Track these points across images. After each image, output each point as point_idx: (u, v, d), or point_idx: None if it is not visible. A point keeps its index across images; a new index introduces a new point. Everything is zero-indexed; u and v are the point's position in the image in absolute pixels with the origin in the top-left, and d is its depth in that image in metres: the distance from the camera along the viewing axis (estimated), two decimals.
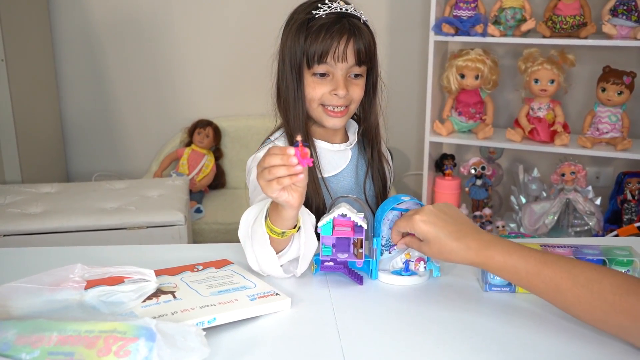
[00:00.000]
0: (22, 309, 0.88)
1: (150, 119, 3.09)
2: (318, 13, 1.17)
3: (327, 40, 1.16)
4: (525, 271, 0.90)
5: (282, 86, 1.23)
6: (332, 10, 1.18)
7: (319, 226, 1.03)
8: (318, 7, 1.18)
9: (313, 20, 1.17)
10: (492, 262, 0.92)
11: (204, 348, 0.79)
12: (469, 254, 0.94)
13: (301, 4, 1.24)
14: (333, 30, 1.16)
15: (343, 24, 1.17)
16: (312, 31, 1.17)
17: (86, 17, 3.00)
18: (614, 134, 2.44)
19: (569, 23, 2.39)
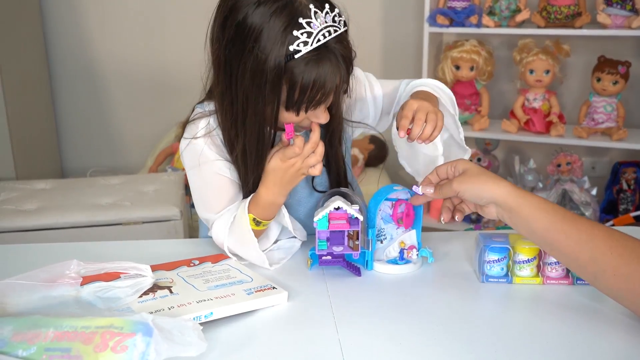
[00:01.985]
0: (18, 305, 0.88)
1: (145, 113, 3.08)
2: (298, 49, 0.93)
3: (312, 96, 0.96)
4: (562, 216, 0.89)
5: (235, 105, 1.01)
6: (316, 42, 0.94)
7: (315, 221, 1.03)
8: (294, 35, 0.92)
9: (292, 62, 0.93)
10: (529, 201, 0.90)
11: (201, 342, 0.79)
12: (506, 189, 0.92)
13: None
14: (321, 85, 0.95)
15: (332, 71, 0.95)
16: (293, 82, 0.94)
17: (79, 12, 2.98)
18: (609, 124, 2.44)
19: (563, 13, 2.38)
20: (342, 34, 0.98)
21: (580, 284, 1.02)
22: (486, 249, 1.03)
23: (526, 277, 1.04)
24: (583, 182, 2.54)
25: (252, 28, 0.93)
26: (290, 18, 0.92)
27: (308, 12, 0.93)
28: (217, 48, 0.99)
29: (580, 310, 0.95)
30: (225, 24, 0.97)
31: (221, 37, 0.98)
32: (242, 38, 0.95)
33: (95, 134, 3.13)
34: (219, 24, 0.99)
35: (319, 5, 0.95)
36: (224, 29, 0.97)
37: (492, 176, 0.95)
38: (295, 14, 0.93)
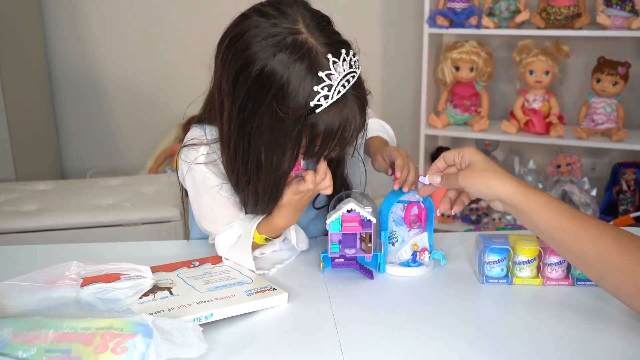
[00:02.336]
0: (18, 307, 0.88)
1: (145, 115, 3.08)
2: (319, 104, 0.91)
3: (334, 144, 0.96)
4: (569, 214, 0.87)
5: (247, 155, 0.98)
6: (336, 94, 0.91)
7: (328, 223, 1.03)
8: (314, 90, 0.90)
9: (312, 115, 0.91)
10: (535, 200, 0.89)
11: (202, 344, 0.79)
12: (512, 187, 0.90)
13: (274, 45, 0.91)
14: (343, 132, 0.94)
15: (352, 116, 0.94)
16: (315, 134, 0.93)
17: (79, 14, 2.98)
18: (609, 125, 2.44)
19: (563, 14, 2.38)
20: (359, 77, 0.95)
21: (580, 285, 1.02)
22: (486, 250, 1.03)
23: (526, 278, 1.04)
24: (583, 183, 2.54)
25: (272, 81, 0.90)
26: (309, 71, 0.90)
27: (327, 62, 0.90)
28: (228, 99, 0.95)
29: (580, 311, 0.95)
30: (241, 73, 0.92)
31: (235, 86, 0.94)
32: (260, 89, 0.91)
33: (95, 135, 3.13)
34: (233, 71, 0.93)
35: (335, 52, 0.91)
36: (236, 83, 0.93)
37: (498, 172, 0.92)
38: (315, 66, 0.90)
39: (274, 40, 0.90)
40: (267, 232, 1.07)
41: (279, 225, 1.07)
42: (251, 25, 0.93)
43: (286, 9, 0.93)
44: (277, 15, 0.92)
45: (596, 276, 0.88)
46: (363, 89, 0.96)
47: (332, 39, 0.93)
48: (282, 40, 0.90)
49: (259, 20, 0.92)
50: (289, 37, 0.90)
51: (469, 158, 0.95)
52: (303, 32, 0.91)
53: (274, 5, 0.94)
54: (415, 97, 2.85)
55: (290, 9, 0.93)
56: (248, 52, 0.91)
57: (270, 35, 0.91)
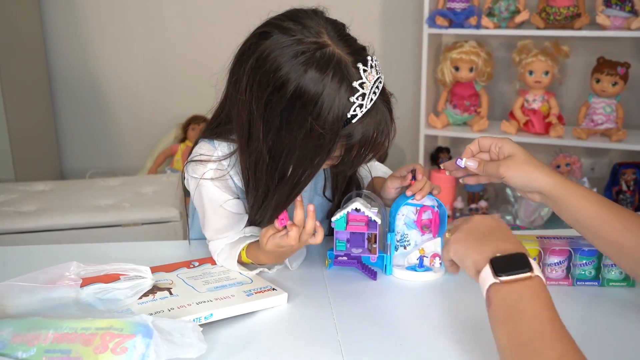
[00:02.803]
0: (17, 307, 0.88)
1: (144, 115, 3.08)
2: (355, 114, 0.91)
3: (369, 150, 0.96)
4: (608, 205, 0.90)
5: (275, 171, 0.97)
6: (370, 102, 0.92)
7: (333, 221, 1.03)
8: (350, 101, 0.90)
9: (348, 126, 0.91)
10: (574, 192, 0.91)
11: (201, 344, 0.78)
12: (554, 179, 0.93)
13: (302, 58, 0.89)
14: (378, 138, 0.95)
15: (384, 121, 0.94)
16: (351, 144, 0.94)
17: (78, 14, 2.98)
18: (608, 125, 2.44)
19: (562, 14, 2.38)
20: (385, 89, 0.96)
21: (580, 285, 1.02)
22: None
23: None
24: (582, 183, 2.54)
25: (307, 98, 0.89)
26: (342, 83, 0.89)
27: (357, 72, 0.90)
28: (261, 117, 0.93)
29: (579, 311, 0.95)
30: (272, 98, 0.91)
31: (267, 108, 0.92)
32: (295, 109, 0.90)
33: (95, 135, 3.13)
34: (264, 93, 0.91)
35: (362, 60, 0.91)
36: (268, 104, 0.91)
37: (539, 165, 0.95)
38: (346, 77, 0.89)
39: (304, 58, 0.88)
40: (254, 259, 1.06)
41: (264, 262, 1.06)
42: (276, 45, 0.90)
43: (307, 22, 0.92)
44: (300, 29, 0.91)
45: (631, 265, 0.89)
46: (387, 91, 0.97)
47: (355, 47, 0.93)
48: (311, 56, 0.88)
49: (282, 38, 0.90)
50: (317, 52, 0.89)
51: (508, 150, 0.96)
52: (329, 44, 0.90)
53: (293, 20, 0.92)
54: (414, 97, 2.85)
55: (311, 21, 0.92)
56: (279, 74, 0.89)
57: (298, 53, 0.89)
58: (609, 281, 1.02)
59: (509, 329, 0.69)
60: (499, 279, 0.71)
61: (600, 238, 0.91)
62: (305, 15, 0.93)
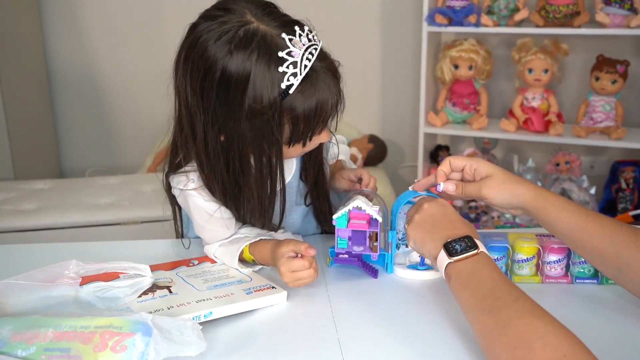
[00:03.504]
0: (17, 305, 0.88)
1: (144, 113, 3.08)
2: (291, 84, 0.89)
3: (317, 122, 0.94)
4: (586, 215, 0.91)
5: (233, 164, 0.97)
6: (304, 68, 0.90)
7: (334, 218, 1.03)
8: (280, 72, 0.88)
9: (288, 98, 0.90)
10: (553, 204, 0.93)
11: (201, 342, 0.79)
12: (533, 193, 0.94)
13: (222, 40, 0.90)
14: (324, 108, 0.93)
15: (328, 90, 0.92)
16: (296, 117, 0.92)
17: (77, 11, 2.97)
18: (608, 123, 2.44)
19: (562, 12, 2.38)
20: (322, 49, 0.94)
21: (579, 282, 1.03)
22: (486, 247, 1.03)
23: (525, 276, 1.04)
24: (582, 181, 2.54)
25: (237, 77, 0.89)
26: (269, 55, 0.88)
27: (283, 42, 0.89)
28: (199, 111, 0.94)
29: (579, 309, 0.95)
30: (204, 84, 0.91)
31: (202, 96, 0.93)
32: (229, 90, 0.90)
33: (94, 133, 3.13)
34: (196, 81, 0.93)
35: (289, 30, 0.90)
36: (203, 91, 0.92)
37: (519, 181, 0.96)
38: (272, 49, 0.88)
39: (227, 38, 0.89)
40: (257, 258, 1.07)
41: (269, 265, 1.07)
42: (202, 31, 0.92)
43: (231, 6, 0.93)
44: (224, 14, 0.92)
45: (614, 272, 0.90)
46: (331, 59, 0.95)
47: (283, 20, 0.92)
48: (234, 35, 0.89)
49: (208, 24, 0.92)
50: (240, 30, 0.89)
51: (486, 170, 0.98)
52: (253, 21, 0.90)
53: (218, 7, 0.94)
54: (414, 95, 2.85)
55: (234, 5, 0.93)
56: (206, 56, 0.90)
57: (222, 33, 0.90)
58: (607, 279, 1.02)
59: (470, 290, 0.82)
60: (453, 259, 0.85)
61: (580, 247, 0.92)
62: (231, 1, 0.94)
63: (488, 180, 0.97)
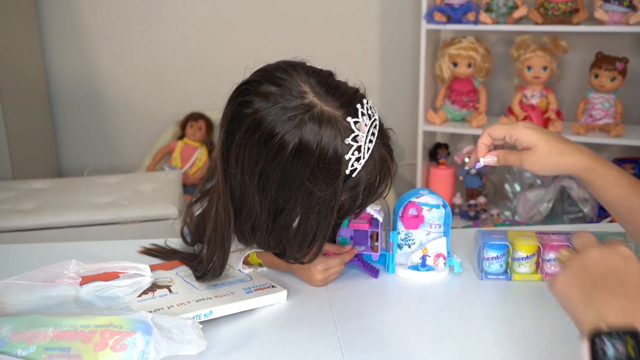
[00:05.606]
0: (16, 305, 0.88)
1: (142, 112, 3.07)
2: (354, 168, 0.87)
3: (375, 193, 0.93)
4: (639, 190, 0.86)
5: None
6: (367, 151, 0.88)
7: None
8: (346, 159, 0.86)
9: (350, 180, 0.88)
10: (603, 175, 0.88)
11: (201, 341, 0.78)
12: (577, 164, 0.88)
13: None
14: (376, 193, 0.93)
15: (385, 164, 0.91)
16: (355, 195, 0.90)
17: (76, 12, 2.97)
18: (607, 120, 2.44)
19: (561, 9, 2.38)
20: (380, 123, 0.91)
21: None
22: (485, 246, 1.03)
23: (525, 273, 1.04)
24: None
25: (300, 165, 0.85)
26: (335, 141, 0.85)
27: (348, 125, 0.86)
28: (257, 191, 0.89)
29: None
30: (267, 168, 0.87)
31: (260, 181, 0.88)
32: (290, 175, 0.86)
33: (93, 133, 3.12)
34: (257, 165, 0.87)
35: (353, 110, 0.87)
36: (266, 169, 0.87)
37: (563, 151, 0.88)
38: (339, 134, 0.85)
39: (294, 123, 0.84)
40: (267, 262, 1.07)
41: (280, 268, 1.07)
42: (261, 114, 0.85)
43: (287, 83, 0.87)
44: (281, 93, 0.86)
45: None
46: (385, 132, 0.93)
47: (344, 98, 0.88)
48: (300, 120, 0.84)
49: (266, 106, 0.86)
50: (306, 115, 0.84)
51: (527, 141, 0.90)
52: (316, 103, 0.86)
53: (272, 82, 0.87)
54: (413, 93, 2.85)
55: (292, 81, 0.87)
56: (273, 142, 0.85)
57: (287, 119, 0.84)
58: None
59: None
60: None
61: (629, 222, 0.89)
62: (284, 73, 0.88)
63: (530, 154, 0.89)
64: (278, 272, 1.07)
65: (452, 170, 2.70)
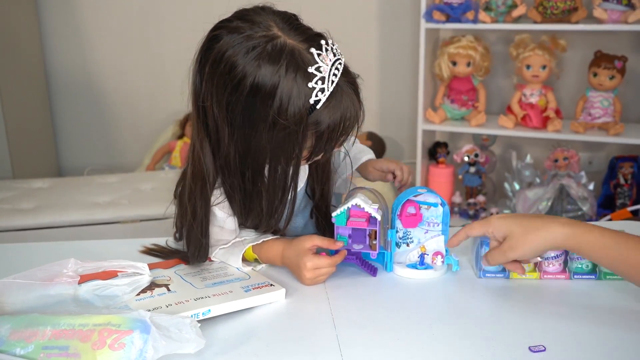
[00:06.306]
0: (15, 304, 0.88)
1: (142, 111, 3.08)
2: (318, 99, 0.90)
3: (340, 135, 0.95)
4: (626, 247, 0.85)
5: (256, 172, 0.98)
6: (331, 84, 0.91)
7: (333, 216, 1.03)
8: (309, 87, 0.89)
9: (314, 113, 0.91)
10: (587, 241, 0.87)
11: (199, 339, 0.79)
12: (561, 236, 0.88)
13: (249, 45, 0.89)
14: (347, 121, 0.94)
15: (351, 103, 0.93)
16: (320, 130, 0.92)
17: (75, 10, 2.97)
18: (606, 119, 2.44)
19: (559, 8, 2.38)
20: (344, 63, 0.94)
21: (577, 278, 1.03)
22: (483, 244, 1.03)
23: None
24: (580, 177, 2.55)
25: (265, 92, 0.89)
26: (298, 71, 0.88)
27: (311, 57, 0.89)
28: (225, 124, 0.93)
29: (577, 305, 0.95)
30: (231, 98, 0.91)
31: (228, 109, 0.92)
32: (256, 104, 0.90)
33: (92, 132, 3.13)
34: (223, 95, 0.91)
35: (316, 45, 0.90)
36: (229, 105, 0.92)
37: (538, 226, 0.89)
38: (302, 64, 0.89)
39: (256, 53, 0.88)
40: (262, 257, 1.08)
41: (275, 264, 1.08)
42: (227, 45, 0.90)
43: (255, 18, 0.92)
44: (249, 26, 0.91)
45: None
46: (351, 73, 0.95)
47: (308, 34, 0.92)
48: (262, 50, 0.89)
49: (232, 38, 0.91)
50: (268, 45, 0.89)
51: (500, 231, 0.92)
52: (279, 35, 0.90)
53: (241, 18, 0.93)
54: (412, 92, 2.85)
55: (259, 17, 0.92)
56: (234, 73, 0.89)
57: (250, 48, 0.89)
58: (605, 274, 1.02)
59: None
60: None
61: (630, 278, 0.88)
62: (253, 12, 0.93)
63: (510, 242, 0.91)
64: (276, 271, 1.07)
65: (451, 169, 2.70)
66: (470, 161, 2.69)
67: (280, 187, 0.99)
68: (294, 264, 1.02)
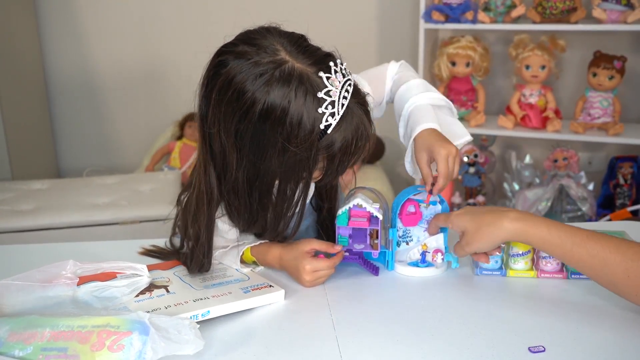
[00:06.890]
0: (14, 306, 0.88)
1: (141, 112, 3.08)
2: (329, 124, 0.89)
3: (351, 155, 0.93)
4: (572, 243, 0.89)
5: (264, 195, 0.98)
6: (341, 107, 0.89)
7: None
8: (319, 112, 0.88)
9: (326, 137, 0.89)
10: (536, 236, 0.91)
11: (199, 340, 0.79)
12: (511, 229, 0.93)
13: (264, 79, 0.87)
14: (358, 141, 0.92)
15: (362, 122, 0.92)
16: (332, 154, 0.91)
17: (74, 11, 2.97)
18: (605, 119, 2.44)
19: (559, 8, 2.38)
20: (354, 83, 0.93)
21: (575, 278, 1.03)
22: None
23: (520, 270, 1.04)
24: (580, 177, 2.54)
25: (274, 118, 0.87)
26: (307, 96, 0.87)
27: (321, 81, 0.88)
28: (233, 146, 0.92)
29: (574, 304, 0.95)
30: (240, 126, 0.89)
31: (237, 136, 0.91)
32: (265, 130, 0.88)
33: (91, 133, 3.12)
34: (232, 122, 0.90)
35: (325, 67, 0.89)
36: (237, 132, 0.90)
37: (489, 221, 0.94)
38: (311, 89, 0.87)
39: (264, 79, 0.87)
40: (260, 260, 1.08)
41: (272, 267, 1.07)
42: (234, 71, 0.89)
43: (262, 42, 0.90)
44: (255, 51, 0.89)
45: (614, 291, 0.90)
46: (361, 93, 0.94)
47: (317, 56, 0.90)
48: (271, 76, 0.87)
49: (239, 64, 0.89)
50: (276, 71, 0.87)
51: (458, 226, 0.99)
52: (287, 59, 0.88)
53: (247, 42, 0.91)
54: None
55: (265, 40, 0.90)
56: (243, 100, 0.87)
57: (258, 75, 0.87)
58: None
59: None
60: None
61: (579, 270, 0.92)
62: (259, 35, 0.91)
63: (466, 236, 0.97)
64: (275, 272, 1.07)
65: None
66: (469, 161, 2.69)
67: (288, 205, 0.98)
68: (293, 267, 1.02)
